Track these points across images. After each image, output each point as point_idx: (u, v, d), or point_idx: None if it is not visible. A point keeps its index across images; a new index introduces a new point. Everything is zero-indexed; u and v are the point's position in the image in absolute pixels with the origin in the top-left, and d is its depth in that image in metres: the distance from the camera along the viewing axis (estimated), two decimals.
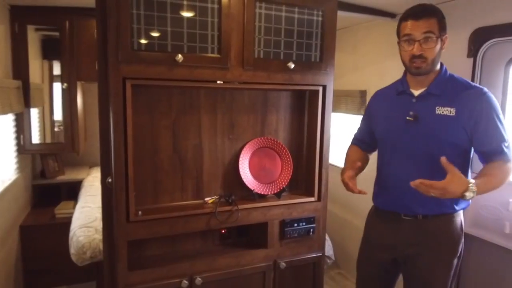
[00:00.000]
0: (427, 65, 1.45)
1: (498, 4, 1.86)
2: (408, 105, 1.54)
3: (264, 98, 1.95)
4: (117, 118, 1.53)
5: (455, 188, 1.31)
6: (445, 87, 1.49)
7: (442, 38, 1.46)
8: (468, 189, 1.32)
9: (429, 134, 1.48)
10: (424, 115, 1.49)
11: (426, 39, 1.42)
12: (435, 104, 1.48)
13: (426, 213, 1.48)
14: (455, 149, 1.47)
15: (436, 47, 1.44)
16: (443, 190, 1.31)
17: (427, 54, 1.43)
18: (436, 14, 1.45)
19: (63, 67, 2.76)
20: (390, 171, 1.62)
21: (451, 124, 1.45)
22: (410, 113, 1.52)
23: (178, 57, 1.55)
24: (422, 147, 1.49)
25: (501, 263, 1.93)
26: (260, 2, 1.69)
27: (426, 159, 1.48)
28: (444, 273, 1.54)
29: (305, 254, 2.01)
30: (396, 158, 1.58)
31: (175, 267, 1.74)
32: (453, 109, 1.45)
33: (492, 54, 1.95)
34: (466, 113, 1.43)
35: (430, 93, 1.50)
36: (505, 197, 1.85)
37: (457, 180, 1.32)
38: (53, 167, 3.26)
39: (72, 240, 2.14)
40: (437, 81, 1.50)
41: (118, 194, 1.58)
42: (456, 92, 1.47)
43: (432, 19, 1.43)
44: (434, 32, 1.42)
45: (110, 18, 1.47)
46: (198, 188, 1.86)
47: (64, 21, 2.63)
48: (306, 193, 2.02)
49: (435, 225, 1.52)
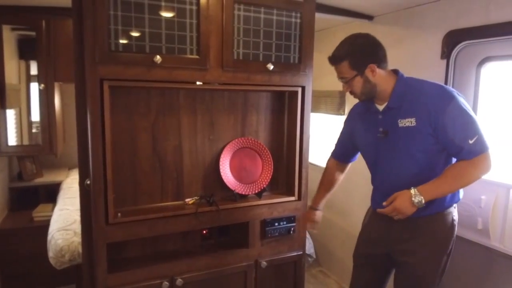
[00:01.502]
0: (359, 96, 1.56)
1: (470, 8, 1.92)
2: (377, 122, 1.58)
3: (244, 99, 1.96)
4: (95, 120, 1.52)
5: (402, 202, 1.42)
6: (403, 98, 1.50)
7: (363, 72, 1.49)
8: (412, 196, 1.40)
9: (398, 147, 1.51)
10: (391, 130, 1.53)
11: (345, 82, 1.53)
12: (397, 117, 1.50)
13: (417, 215, 1.50)
14: (428, 156, 1.49)
15: (357, 84, 1.51)
16: (396, 209, 1.43)
17: (354, 91, 1.54)
18: (346, 57, 1.49)
19: (39, 67, 2.71)
20: (378, 179, 1.67)
21: (414, 134, 1.46)
22: (380, 130, 1.56)
23: (157, 58, 1.55)
24: (397, 159, 1.53)
25: (475, 258, 1.99)
26: (239, 4, 1.70)
27: (403, 169, 1.52)
28: (434, 269, 1.57)
29: (286, 253, 2.03)
30: (379, 170, 1.63)
31: (156, 269, 1.73)
32: (413, 119, 1.46)
33: (464, 55, 2.01)
34: (425, 119, 1.44)
35: (390, 107, 1.53)
36: (478, 195, 1.92)
37: (399, 196, 1.43)
38: (31, 169, 3.19)
39: (51, 244, 2.11)
40: (394, 95, 1.52)
41: (97, 196, 1.56)
42: (414, 101, 1.48)
43: (342, 63, 1.50)
44: (346, 75, 1.51)
45: (86, 18, 1.46)
46: (178, 189, 1.86)
47: (40, 20, 2.57)
48: (286, 193, 2.04)
49: (427, 223, 1.55)
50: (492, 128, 1.98)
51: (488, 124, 1.99)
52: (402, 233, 1.60)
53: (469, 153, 1.39)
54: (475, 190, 1.93)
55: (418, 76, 2.20)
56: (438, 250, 1.57)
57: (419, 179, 1.45)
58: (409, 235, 1.58)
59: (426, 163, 1.49)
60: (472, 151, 1.39)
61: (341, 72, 1.52)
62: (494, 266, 1.91)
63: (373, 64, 1.48)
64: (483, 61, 1.95)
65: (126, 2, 1.51)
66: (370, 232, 1.75)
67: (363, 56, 1.48)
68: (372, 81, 1.49)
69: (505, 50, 1.85)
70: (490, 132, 1.98)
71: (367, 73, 1.48)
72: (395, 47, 2.35)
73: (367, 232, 1.78)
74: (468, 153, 1.39)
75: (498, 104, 1.95)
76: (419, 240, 1.56)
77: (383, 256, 1.67)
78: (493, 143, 1.96)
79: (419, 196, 1.39)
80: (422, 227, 1.56)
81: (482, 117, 1.99)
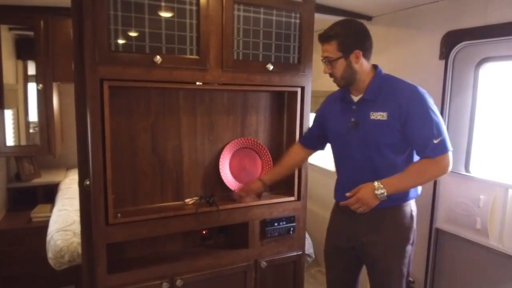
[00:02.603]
0: (339, 81, 1.57)
1: (469, 8, 1.93)
2: (350, 112, 1.61)
3: (243, 99, 1.97)
4: (95, 120, 1.51)
5: (365, 193, 1.46)
6: (379, 91, 1.55)
7: (348, 56, 1.52)
8: (375, 189, 1.44)
9: (367, 139, 1.55)
10: (362, 121, 1.57)
11: (328, 62, 1.54)
12: (370, 109, 1.55)
13: (379, 207, 1.54)
14: (394, 150, 1.54)
15: (340, 66, 1.53)
16: (360, 200, 1.47)
17: (333, 73, 1.56)
18: (337, 37, 1.51)
19: (38, 67, 2.69)
20: (342, 171, 1.70)
21: (384, 127, 1.51)
22: (351, 120, 1.59)
23: (157, 58, 1.55)
24: (364, 151, 1.57)
25: (473, 257, 2.00)
26: (239, 4, 1.71)
27: (369, 161, 1.56)
28: (398, 260, 1.61)
29: (286, 253, 2.03)
30: (345, 160, 1.66)
31: (156, 269, 1.73)
32: (384, 113, 1.51)
33: (462, 56, 2.02)
34: (396, 115, 1.49)
35: (365, 99, 1.57)
36: (476, 194, 1.92)
37: (363, 188, 1.47)
38: (29, 170, 3.18)
39: (50, 244, 2.10)
40: (370, 87, 1.56)
41: (97, 197, 1.56)
42: (388, 96, 1.53)
43: (331, 43, 1.51)
44: (332, 55, 1.52)
45: (86, 18, 1.46)
46: (178, 190, 1.86)
47: (39, 20, 2.55)
48: (286, 193, 2.04)
49: (387, 215, 1.60)
50: (490, 128, 1.99)
51: (486, 124, 2.00)
52: (364, 227, 1.63)
53: (433, 151, 1.45)
54: (473, 190, 1.95)
55: (417, 77, 2.21)
56: (401, 240, 1.61)
57: (383, 174, 1.50)
58: (371, 228, 1.62)
59: (391, 158, 1.54)
60: (435, 150, 1.45)
61: (327, 50, 1.53)
62: (493, 266, 1.91)
63: (359, 50, 1.52)
64: (482, 61, 1.96)
65: (126, 2, 1.51)
66: (334, 225, 1.79)
67: (352, 40, 1.51)
68: (354, 67, 1.53)
69: (504, 51, 1.86)
70: (488, 132, 1.99)
71: (352, 58, 1.52)
72: (394, 47, 2.35)
73: (331, 225, 1.81)
74: (432, 151, 1.45)
75: (497, 104, 1.96)
76: (381, 232, 1.60)
77: (349, 250, 1.71)
78: (492, 144, 1.98)
79: (382, 189, 1.44)
80: (383, 219, 1.60)
81: (480, 117, 2.01)
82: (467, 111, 2.04)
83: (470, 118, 2.03)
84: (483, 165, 2.02)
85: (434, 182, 2.14)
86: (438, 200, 2.14)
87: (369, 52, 1.55)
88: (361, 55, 1.52)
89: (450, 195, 2.07)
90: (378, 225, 1.60)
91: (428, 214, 2.18)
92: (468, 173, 2.05)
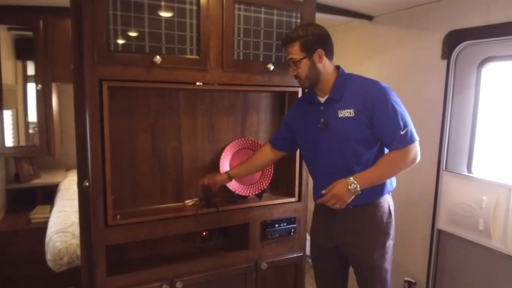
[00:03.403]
0: (304, 82, 1.61)
1: (471, 8, 1.92)
2: (318, 113, 1.64)
3: (244, 100, 1.95)
4: (94, 121, 1.50)
5: (339, 188, 1.50)
6: (343, 90, 1.59)
7: (312, 55, 1.56)
8: (348, 183, 1.48)
9: (337, 136, 1.58)
10: (331, 120, 1.60)
11: (293, 63, 1.58)
12: (337, 108, 1.58)
13: (355, 204, 1.57)
14: (364, 146, 1.56)
15: (304, 66, 1.56)
16: (334, 195, 1.50)
17: (298, 74, 1.59)
18: (298, 38, 1.55)
19: (37, 67, 2.68)
20: (318, 172, 1.71)
21: (352, 124, 1.55)
22: (321, 120, 1.62)
23: (157, 59, 1.53)
24: (336, 149, 1.60)
25: (476, 259, 1.99)
26: (239, 4, 1.69)
27: (342, 159, 1.59)
28: (380, 256, 1.64)
29: (286, 254, 2.02)
30: (318, 161, 1.67)
31: (155, 271, 1.71)
32: (351, 110, 1.55)
33: (465, 56, 2.00)
34: (362, 110, 1.53)
35: (331, 99, 1.60)
36: (479, 195, 1.91)
37: (337, 183, 1.51)
38: (28, 171, 3.17)
39: (49, 246, 2.09)
40: (335, 87, 1.60)
41: (96, 198, 1.54)
42: (353, 93, 1.57)
43: (294, 44, 1.56)
44: (295, 56, 1.56)
45: (85, 18, 1.44)
46: (178, 191, 1.84)
47: (38, 20, 2.54)
48: (286, 194, 2.03)
49: (365, 212, 1.62)
50: (493, 128, 1.98)
51: (489, 124, 1.99)
52: (343, 226, 1.65)
53: (400, 142, 1.49)
54: (476, 190, 1.93)
55: (419, 77, 2.21)
56: (381, 237, 1.64)
57: (356, 170, 1.54)
58: (350, 227, 1.64)
59: (362, 154, 1.57)
60: (402, 140, 1.49)
61: (290, 52, 1.57)
62: (495, 267, 1.90)
63: (321, 50, 1.56)
64: (484, 61, 1.95)
65: (125, 1, 1.49)
66: (316, 226, 1.80)
67: (314, 41, 1.56)
68: (317, 67, 1.57)
69: (506, 51, 1.85)
70: (491, 132, 1.98)
71: (315, 58, 1.56)
72: (395, 47, 2.34)
73: (314, 226, 1.82)
74: (399, 142, 1.49)
75: (499, 104, 1.94)
76: (361, 231, 1.63)
77: (333, 249, 1.72)
78: (494, 144, 1.97)
79: (355, 183, 1.48)
80: (361, 217, 1.62)
81: (482, 117, 1.99)
82: (469, 111, 2.02)
83: (473, 118, 2.02)
84: (485, 165, 2.01)
85: (436, 183, 2.12)
86: (440, 201, 2.12)
87: (330, 53, 1.60)
88: (324, 55, 1.56)
89: (452, 196, 2.06)
90: (357, 223, 1.63)
91: (430, 215, 2.17)
92: (471, 174, 2.03)
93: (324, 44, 1.57)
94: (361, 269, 1.68)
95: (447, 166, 2.10)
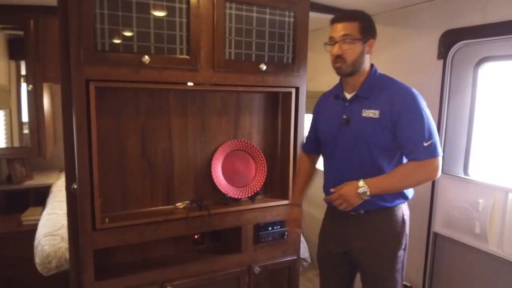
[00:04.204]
0: (347, 66, 1.50)
1: (467, 7, 1.89)
2: (342, 109, 1.59)
3: (236, 100, 1.92)
4: (80, 122, 1.46)
5: (348, 190, 1.43)
6: (372, 89, 1.53)
7: (366, 42, 1.50)
8: (359, 187, 1.42)
9: (357, 136, 1.53)
10: (354, 118, 1.54)
11: (344, 41, 1.48)
12: (362, 106, 1.53)
13: (367, 209, 1.53)
14: (382, 151, 1.51)
15: (356, 49, 1.48)
16: (342, 196, 1.44)
17: (345, 55, 1.49)
18: (359, 19, 1.49)
19: (28, 67, 2.63)
20: (331, 171, 1.66)
21: (375, 126, 1.49)
22: (343, 117, 1.57)
23: (145, 59, 1.50)
24: (353, 148, 1.54)
25: (472, 262, 1.95)
26: (230, 2, 1.66)
27: (359, 160, 1.53)
28: (390, 265, 1.57)
29: (280, 257, 1.98)
30: (335, 159, 1.63)
31: (145, 276, 1.68)
32: (377, 111, 1.48)
33: (461, 56, 1.97)
34: (388, 114, 1.47)
35: (358, 96, 1.55)
36: (475, 198, 1.88)
37: (347, 184, 1.45)
38: (20, 172, 3.12)
39: (37, 249, 2.05)
40: (365, 84, 1.54)
41: (83, 201, 1.51)
42: (381, 94, 1.51)
43: (353, 23, 1.48)
44: (353, 34, 1.47)
45: (71, 17, 1.41)
46: (168, 193, 1.81)
47: (29, 20, 2.50)
48: (280, 196, 2.00)
49: (377, 219, 1.56)
50: (490, 129, 1.94)
51: (486, 125, 1.95)
52: (351, 231, 1.60)
53: (421, 154, 1.42)
54: (472, 194, 1.90)
55: (414, 77, 2.17)
56: (392, 246, 1.57)
57: (369, 174, 1.48)
58: (359, 233, 1.58)
59: (379, 159, 1.51)
60: (424, 152, 1.42)
61: (347, 29, 1.46)
62: (492, 271, 1.87)
63: (373, 40, 1.51)
64: (481, 61, 1.91)
65: (113, 0, 1.45)
66: (325, 229, 1.76)
67: (372, 28, 1.51)
68: (364, 57, 1.52)
69: (503, 50, 1.81)
70: (488, 134, 1.95)
71: (366, 46, 1.50)
72: (391, 47, 2.31)
73: (323, 229, 1.78)
74: (420, 153, 1.42)
75: (496, 105, 1.91)
76: (370, 238, 1.57)
77: (341, 255, 1.67)
78: (491, 146, 1.93)
79: (365, 188, 1.42)
80: (371, 223, 1.56)
81: (479, 118, 1.96)
82: (465, 112, 1.99)
83: (469, 119, 1.98)
84: (482, 168, 1.98)
85: (432, 185, 2.09)
86: (436, 203, 2.09)
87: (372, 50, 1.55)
88: (372, 47, 1.51)
89: (448, 198, 2.03)
90: (366, 229, 1.57)
91: (426, 218, 2.13)
92: (467, 176, 2.00)
93: (375, 38, 1.52)
94: (369, 278, 1.61)
95: (443, 168, 2.06)
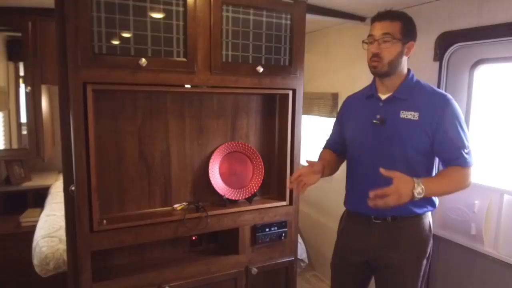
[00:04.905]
0: (383, 65, 1.48)
1: (463, 9, 1.89)
2: (376, 109, 1.56)
3: (233, 102, 1.93)
4: (78, 124, 1.47)
5: (404, 186, 1.32)
6: (411, 92, 1.52)
7: (406, 43, 1.49)
8: (414, 186, 1.33)
9: (393, 137, 1.51)
10: (389, 119, 1.52)
11: (384, 40, 1.46)
12: (400, 108, 1.51)
13: (395, 215, 1.51)
14: (417, 153, 1.49)
15: (394, 49, 1.47)
16: (396, 192, 1.32)
17: (383, 54, 1.47)
18: (401, 19, 1.48)
19: (26, 69, 2.64)
20: (359, 174, 1.62)
21: (413, 128, 1.47)
22: (377, 117, 1.54)
23: (142, 61, 1.51)
24: (387, 150, 1.52)
25: (468, 263, 1.96)
26: (227, 5, 1.67)
27: (391, 161, 1.49)
28: (414, 274, 1.55)
29: (277, 259, 1.99)
30: (364, 161, 1.59)
31: (143, 277, 1.69)
32: (416, 114, 1.47)
33: (457, 58, 1.98)
34: (428, 118, 1.46)
35: (396, 97, 1.53)
36: (471, 199, 1.89)
37: (403, 179, 1.34)
38: (19, 173, 3.12)
39: (35, 251, 2.06)
40: (403, 86, 1.53)
41: (81, 203, 1.52)
42: (421, 98, 1.50)
43: (395, 22, 1.46)
44: (394, 34, 1.45)
45: (68, 20, 1.41)
46: (166, 195, 1.82)
47: (27, 22, 2.51)
48: (278, 197, 2.00)
49: (404, 226, 1.54)
50: (486, 131, 1.95)
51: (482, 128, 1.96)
52: (380, 239, 1.57)
53: (465, 161, 1.44)
54: (468, 195, 1.90)
55: None
56: (418, 254, 1.55)
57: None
58: (388, 241, 1.55)
59: (413, 162, 1.49)
60: (468, 160, 1.44)
61: (387, 28, 1.45)
62: (488, 272, 1.87)
63: (413, 43, 1.50)
64: (477, 63, 1.92)
65: (110, 3, 1.46)
66: (347, 239, 1.71)
67: (413, 30, 1.50)
68: (402, 58, 1.50)
69: (499, 52, 1.82)
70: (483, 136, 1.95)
71: (406, 48, 1.49)
72: None
73: (343, 239, 1.73)
74: (464, 161, 1.44)
75: (492, 107, 1.92)
76: (399, 245, 1.54)
77: (361, 264, 1.65)
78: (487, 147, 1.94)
79: (421, 188, 1.33)
80: (400, 231, 1.54)
81: (475, 121, 1.96)
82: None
83: (465, 121, 1.99)
84: (478, 169, 1.98)
85: None
86: None
87: None
88: (411, 49, 1.51)
89: (444, 199, 2.03)
90: (395, 237, 1.54)
91: None
92: None
93: (415, 40, 1.51)
94: (390, 285, 1.58)
95: (439, 169, 2.07)
